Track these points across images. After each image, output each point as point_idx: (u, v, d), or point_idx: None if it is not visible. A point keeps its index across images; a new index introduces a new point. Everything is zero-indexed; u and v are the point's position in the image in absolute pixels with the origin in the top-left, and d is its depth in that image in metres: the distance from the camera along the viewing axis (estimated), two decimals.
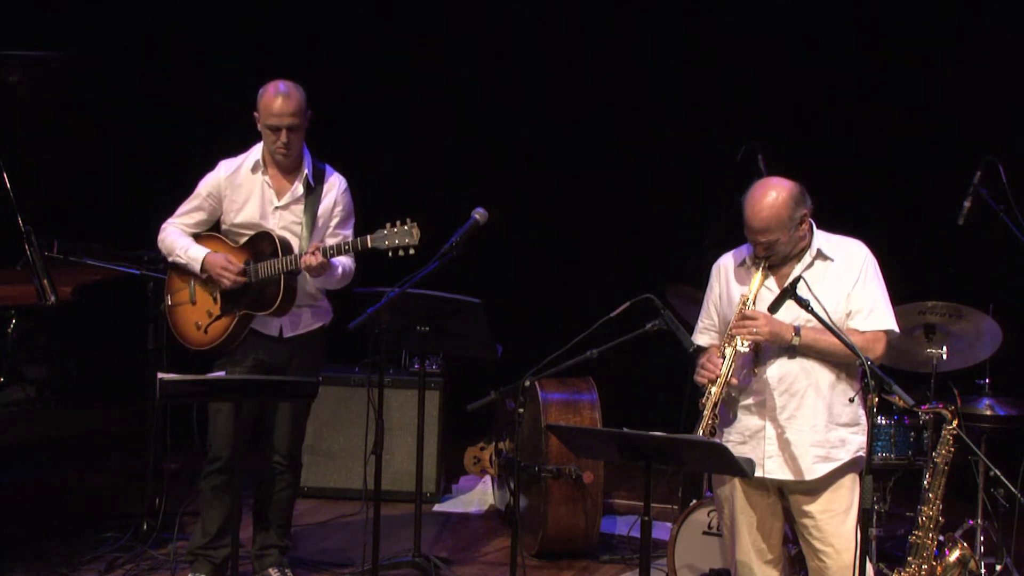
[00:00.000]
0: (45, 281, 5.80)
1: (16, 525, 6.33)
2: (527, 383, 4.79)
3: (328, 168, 5.60)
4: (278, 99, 5.37)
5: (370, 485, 5.53)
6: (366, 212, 5.58)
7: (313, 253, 5.26)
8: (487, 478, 7.22)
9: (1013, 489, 4.84)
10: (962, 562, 4.53)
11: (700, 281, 5.02)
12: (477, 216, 5.23)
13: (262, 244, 5.43)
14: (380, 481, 5.36)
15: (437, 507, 7.11)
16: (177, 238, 5.57)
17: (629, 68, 8.10)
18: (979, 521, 5.73)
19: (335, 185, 5.57)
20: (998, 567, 5.62)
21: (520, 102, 8.31)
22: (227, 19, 8.41)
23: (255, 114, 5.45)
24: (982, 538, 5.74)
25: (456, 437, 7.20)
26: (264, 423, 5.62)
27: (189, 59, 8.28)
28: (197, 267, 5.49)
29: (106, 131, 8.02)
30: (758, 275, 4.54)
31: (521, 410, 4.83)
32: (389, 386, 6.61)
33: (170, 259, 5.60)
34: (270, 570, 5.69)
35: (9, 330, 5.72)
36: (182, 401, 5.45)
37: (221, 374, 5.09)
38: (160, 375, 4.82)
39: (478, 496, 7.24)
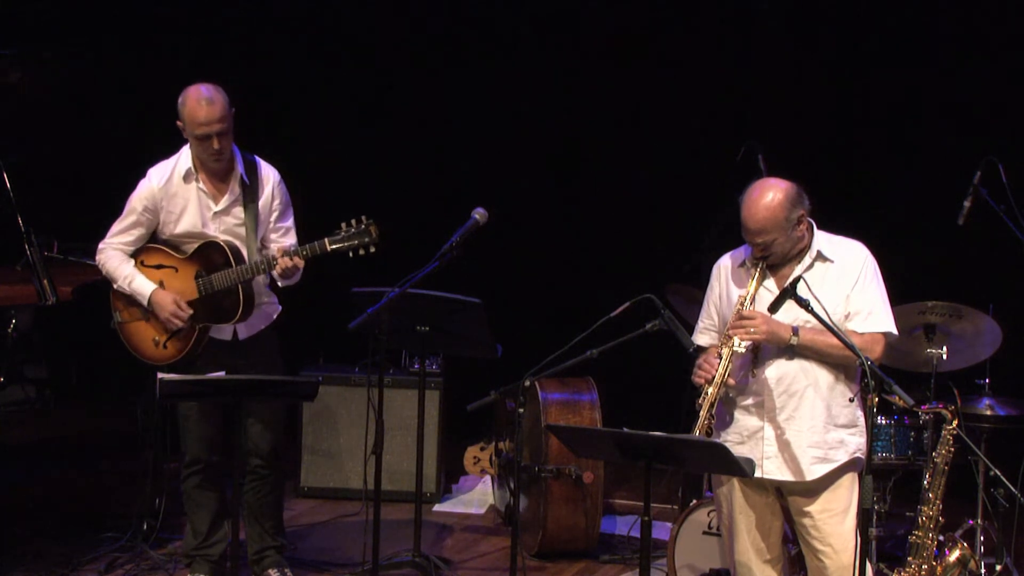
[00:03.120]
0: (45, 281, 5.79)
1: (16, 525, 6.32)
2: (527, 383, 4.78)
3: (258, 160, 5.46)
4: (202, 106, 5.20)
5: (370, 485, 5.53)
6: (364, 212, 5.55)
7: (282, 258, 5.18)
8: (487, 478, 7.21)
9: (1013, 489, 4.84)
10: (962, 562, 4.53)
11: (700, 281, 5.02)
12: (477, 216, 5.22)
13: (212, 255, 5.31)
14: (380, 481, 5.36)
15: (437, 507, 7.10)
16: (119, 265, 5.38)
17: (629, 67, 8.09)
18: (979, 521, 5.72)
19: (270, 178, 5.44)
20: (998, 567, 5.62)
21: (520, 101, 8.30)
22: (226, 17, 8.41)
23: (179, 123, 5.28)
24: (982, 538, 5.73)
25: (456, 437, 7.18)
26: (239, 427, 5.46)
27: (189, 57, 8.27)
28: (143, 302, 5.34)
29: (106, 130, 8.03)
30: (757, 276, 4.53)
31: (521, 410, 4.82)
32: (389, 386, 6.60)
33: (114, 286, 5.43)
34: (270, 571, 5.68)
35: (9, 330, 5.72)
36: (182, 401, 5.44)
37: (221, 374, 5.08)
38: (160, 375, 4.83)
39: (478, 496, 7.24)
